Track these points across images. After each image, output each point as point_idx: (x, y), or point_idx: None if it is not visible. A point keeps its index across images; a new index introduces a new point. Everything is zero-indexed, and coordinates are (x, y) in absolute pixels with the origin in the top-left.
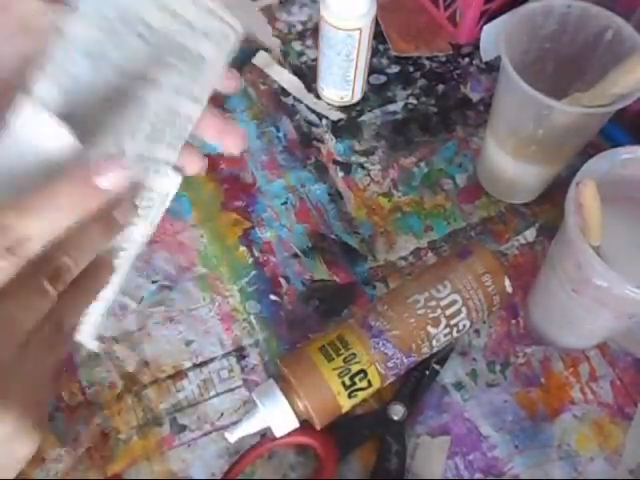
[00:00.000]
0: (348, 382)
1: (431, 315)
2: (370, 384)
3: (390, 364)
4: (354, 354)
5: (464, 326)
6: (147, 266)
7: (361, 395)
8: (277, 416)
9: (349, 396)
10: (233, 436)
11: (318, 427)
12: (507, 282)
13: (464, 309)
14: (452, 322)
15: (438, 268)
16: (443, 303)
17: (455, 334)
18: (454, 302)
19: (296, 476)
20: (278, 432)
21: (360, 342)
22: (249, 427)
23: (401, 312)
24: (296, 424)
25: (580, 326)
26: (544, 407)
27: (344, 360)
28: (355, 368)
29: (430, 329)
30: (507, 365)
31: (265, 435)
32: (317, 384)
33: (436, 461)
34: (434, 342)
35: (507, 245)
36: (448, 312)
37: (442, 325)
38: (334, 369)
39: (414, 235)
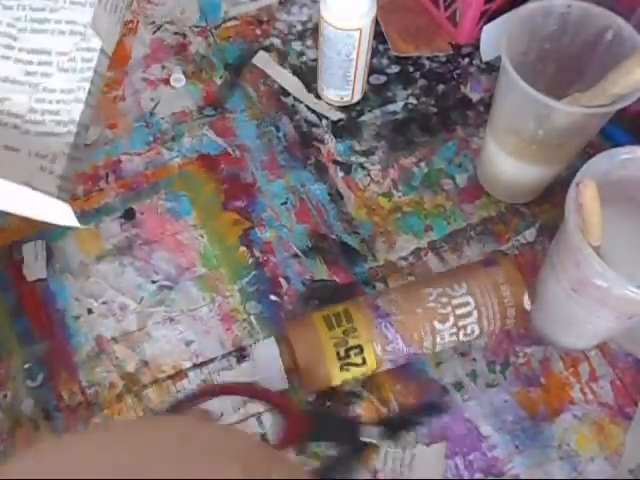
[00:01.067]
0: (343, 354)
1: (440, 310)
2: (364, 362)
3: (389, 348)
4: (355, 328)
5: (472, 331)
6: (147, 266)
7: (353, 371)
8: (269, 372)
9: (341, 368)
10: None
11: (305, 390)
12: (526, 297)
13: (475, 312)
14: (460, 323)
15: (458, 270)
16: (455, 302)
17: (462, 337)
18: (466, 303)
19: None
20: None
21: (364, 319)
22: (238, 374)
23: (411, 300)
24: (285, 385)
25: (580, 326)
26: (544, 407)
27: (343, 332)
28: (352, 342)
29: (436, 324)
30: (507, 365)
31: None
32: (313, 347)
33: (435, 468)
34: (438, 339)
35: (507, 245)
36: (458, 312)
37: (449, 323)
38: (332, 338)
39: (414, 235)
